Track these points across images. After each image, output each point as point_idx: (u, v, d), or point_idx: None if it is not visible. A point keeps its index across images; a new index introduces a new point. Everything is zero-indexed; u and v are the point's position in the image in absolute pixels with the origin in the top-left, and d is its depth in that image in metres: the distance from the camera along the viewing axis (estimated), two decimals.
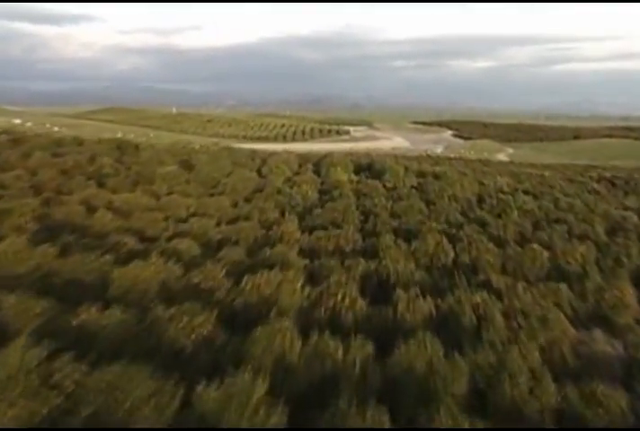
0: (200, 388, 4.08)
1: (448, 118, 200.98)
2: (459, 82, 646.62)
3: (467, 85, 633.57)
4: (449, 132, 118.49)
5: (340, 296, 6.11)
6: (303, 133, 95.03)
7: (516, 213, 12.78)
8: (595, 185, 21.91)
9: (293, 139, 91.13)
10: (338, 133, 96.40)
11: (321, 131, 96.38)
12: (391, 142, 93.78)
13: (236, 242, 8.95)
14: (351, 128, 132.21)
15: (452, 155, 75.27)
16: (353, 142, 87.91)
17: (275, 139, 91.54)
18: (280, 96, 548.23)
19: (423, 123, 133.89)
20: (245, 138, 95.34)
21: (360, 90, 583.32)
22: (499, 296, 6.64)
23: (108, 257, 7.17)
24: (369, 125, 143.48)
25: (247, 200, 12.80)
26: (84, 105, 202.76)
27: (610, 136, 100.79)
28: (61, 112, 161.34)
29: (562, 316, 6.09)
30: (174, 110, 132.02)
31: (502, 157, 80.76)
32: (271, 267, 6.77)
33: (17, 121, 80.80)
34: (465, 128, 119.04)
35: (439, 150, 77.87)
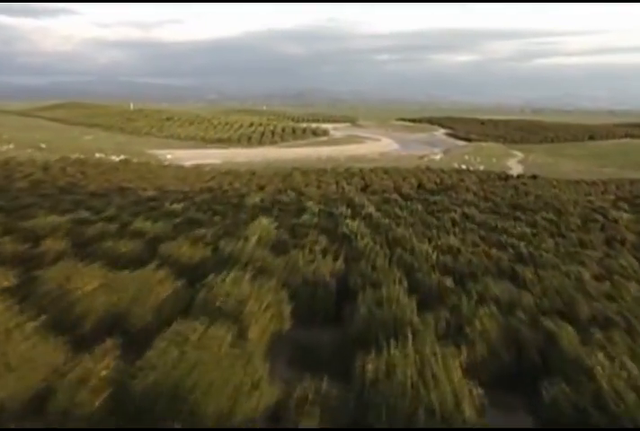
0: None
1: (433, 112, 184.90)
2: (442, 75, 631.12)
3: (450, 79, 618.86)
4: (442, 131, 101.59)
5: None
6: (273, 134, 77.66)
7: None
8: None
9: (260, 142, 73.77)
10: (315, 134, 79.24)
11: (294, 131, 79.19)
12: (377, 144, 76.66)
13: None
14: (331, 126, 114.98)
15: (457, 165, 58.47)
16: (332, 145, 70.70)
17: (238, 142, 74.14)
18: (263, 90, 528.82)
19: (413, 120, 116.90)
20: (204, 140, 77.91)
21: (343, 84, 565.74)
22: None
23: None
24: (353, 121, 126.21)
25: None
26: (63, 99, 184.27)
27: (632, 136, 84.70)
28: (11, 109, 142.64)
29: None
30: (132, 107, 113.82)
31: (513, 164, 64.07)
32: None
33: None
34: (459, 127, 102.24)
35: (437, 156, 60.88)
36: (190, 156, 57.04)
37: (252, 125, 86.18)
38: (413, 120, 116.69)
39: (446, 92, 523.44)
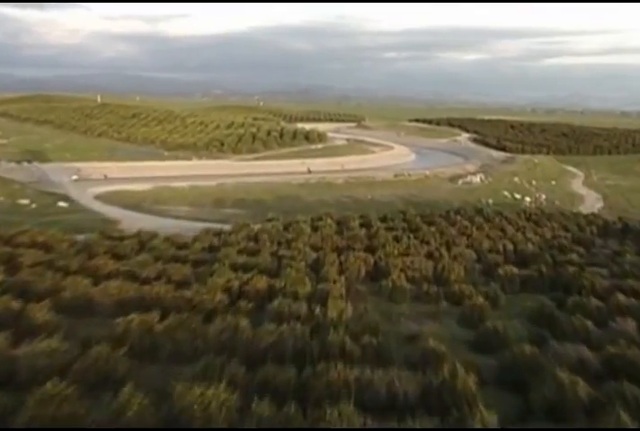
0: None
1: (442, 112, 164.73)
2: (449, 74, 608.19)
3: (457, 78, 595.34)
4: (465, 135, 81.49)
5: None
6: (253, 138, 57.91)
7: None
8: None
9: (234, 149, 54.11)
10: (307, 139, 59.29)
11: (282, 135, 59.28)
12: (390, 155, 56.73)
13: None
14: (334, 127, 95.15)
15: (508, 193, 38.66)
16: (329, 157, 50.85)
17: (206, 148, 54.49)
18: (269, 86, 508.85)
19: (429, 121, 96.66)
20: (164, 145, 58.29)
21: (349, 81, 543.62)
22: None
23: None
24: (359, 121, 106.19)
25: None
26: (68, 92, 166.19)
27: None
28: None
29: None
30: (99, 100, 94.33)
31: (580, 189, 44.20)
32: None
33: None
34: (486, 131, 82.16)
35: (476, 177, 41.05)
36: (107, 181, 37.58)
37: (231, 125, 66.37)
38: (429, 121, 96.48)
39: (453, 91, 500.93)
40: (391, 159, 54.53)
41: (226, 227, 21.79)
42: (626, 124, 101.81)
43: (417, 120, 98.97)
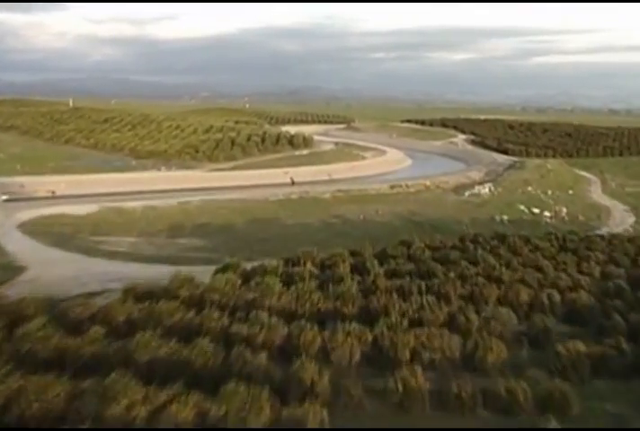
0: None
1: (432, 112, 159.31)
2: (438, 74, 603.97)
3: (446, 77, 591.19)
4: (462, 136, 75.74)
5: None
6: (232, 144, 51.82)
7: None
8: None
9: (210, 157, 48.11)
10: (292, 144, 53.20)
11: (264, 141, 53.19)
12: (383, 161, 50.79)
13: None
14: (322, 129, 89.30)
15: (524, 208, 32.78)
16: (314, 164, 44.86)
17: (179, 156, 48.42)
18: (258, 88, 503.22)
19: (422, 122, 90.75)
20: (133, 153, 52.22)
21: (338, 82, 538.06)
22: None
23: None
24: (348, 123, 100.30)
25: None
26: (53, 97, 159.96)
27: None
28: None
29: None
30: (71, 104, 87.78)
31: (601, 198, 38.52)
32: None
33: None
34: (483, 132, 76.43)
35: (485, 188, 35.16)
36: (50, 200, 31.44)
37: (209, 130, 60.23)
38: (422, 122, 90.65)
39: (443, 91, 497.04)
40: (384, 166, 48.63)
41: (174, 269, 15.84)
42: (630, 122, 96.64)
43: (409, 121, 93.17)
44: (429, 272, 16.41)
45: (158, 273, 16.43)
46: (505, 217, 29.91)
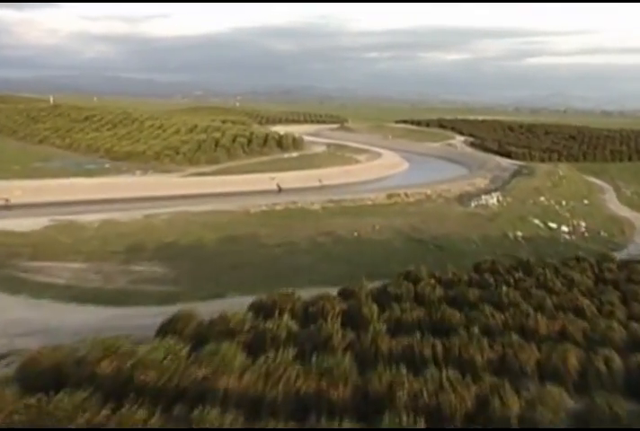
0: None
1: (425, 112, 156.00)
2: (431, 74, 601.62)
3: (439, 78, 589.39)
4: (460, 138, 71.96)
5: None
6: (216, 144, 47.75)
7: None
8: None
9: (191, 159, 44.04)
10: (280, 145, 49.14)
11: (250, 142, 49.07)
12: (378, 165, 46.82)
13: None
14: (314, 129, 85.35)
15: (540, 222, 28.87)
16: (303, 169, 40.88)
17: (156, 158, 44.37)
18: (251, 87, 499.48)
19: (417, 122, 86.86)
20: (110, 155, 48.12)
21: (332, 81, 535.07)
22: None
23: None
24: (341, 123, 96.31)
25: None
26: (50, 94, 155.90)
27: None
28: None
29: None
30: (52, 101, 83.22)
31: (619, 208, 34.71)
32: None
33: None
34: (482, 133, 72.68)
35: (493, 199, 31.25)
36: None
37: (192, 130, 56.07)
38: (418, 123, 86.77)
39: (436, 91, 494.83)
40: (380, 170, 44.69)
41: (115, 314, 11.88)
42: (628, 124, 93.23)
43: (405, 121, 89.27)
44: (444, 323, 12.48)
45: (91, 322, 12.42)
46: (519, 234, 26.04)
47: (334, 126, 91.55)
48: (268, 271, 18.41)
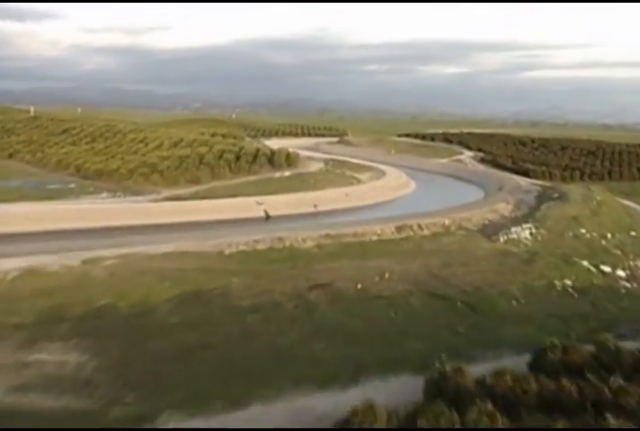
0: None
1: (426, 124, 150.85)
2: (430, 87, 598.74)
3: (438, 91, 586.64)
4: (468, 153, 66.28)
5: None
6: (200, 161, 41.96)
7: None
8: None
9: (168, 180, 38.22)
10: (271, 163, 43.34)
11: (238, 159, 43.27)
12: (382, 186, 40.92)
13: None
14: (313, 142, 79.83)
15: (591, 267, 22.84)
16: (296, 192, 35.01)
17: (129, 177, 38.62)
18: (250, 98, 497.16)
19: (422, 136, 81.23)
20: (80, 172, 42.47)
21: (331, 93, 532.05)
22: None
23: None
24: (341, 136, 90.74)
25: None
26: (49, 105, 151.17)
27: None
28: None
29: None
30: (32, 112, 77.53)
31: None
32: None
33: None
34: (492, 148, 67.00)
35: (526, 231, 25.29)
36: None
37: (177, 144, 50.33)
38: (422, 136, 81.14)
39: (435, 104, 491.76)
40: (384, 192, 38.86)
41: None
42: (634, 138, 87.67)
43: (407, 135, 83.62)
44: None
45: None
46: (568, 282, 20.10)
47: (334, 139, 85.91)
48: (233, 361, 12.46)
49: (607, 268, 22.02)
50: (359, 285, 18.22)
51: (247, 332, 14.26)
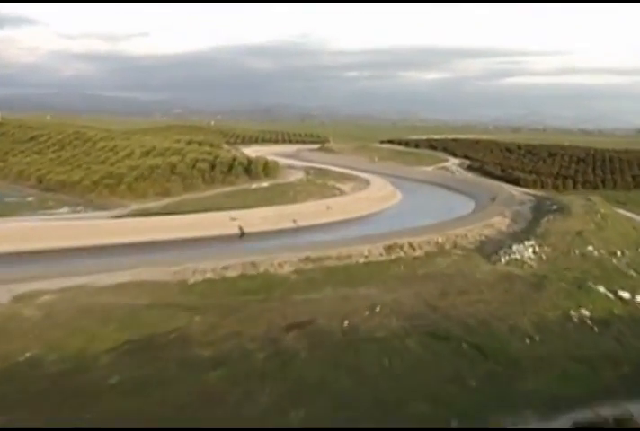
0: None
1: (407, 130, 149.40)
2: (411, 93, 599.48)
3: (419, 97, 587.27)
4: (454, 160, 63.93)
5: None
6: (171, 171, 38.77)
7: None
8: None
9: (136, 192, 35.00)
10: (248, 172, 40.32)
11: (213, 168, 40.17)
12: (366, 197, 38.07)
13: None
14: (294, 149, 77.01)
15: (625, 294, 20.00)
16: (274, 205, 31.95)
17: (93, 189, 35.32)
18: (231, 105, 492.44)
19: (405, 143, 78.84)
20: (42, 184, 39.10)
21: (312, 100, 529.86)
22: None
23: None
24: (322, 143, 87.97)
25: None
26: (27, 112, 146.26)
27: None
28: None
29: None
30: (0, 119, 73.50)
31: None
32: None
33: None
34: (478, 155, 64.72)
35: (528, 250, 22.53)
36: None
37: (149, 152, 47.02)
38: (406, 143, 78.74)
39: (416, 110, 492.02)
40: (369, 204, 36.05)
41: None
42: (617, 143, 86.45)
43: (391, 141, 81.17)
44: None
45: None
46: (586, 313, 17.42)
47: (315, 146, 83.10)
48: None
49: (626, 294, 19.39)
50: (345, 323, 15.29)
51: (207, 396, 11.24)
